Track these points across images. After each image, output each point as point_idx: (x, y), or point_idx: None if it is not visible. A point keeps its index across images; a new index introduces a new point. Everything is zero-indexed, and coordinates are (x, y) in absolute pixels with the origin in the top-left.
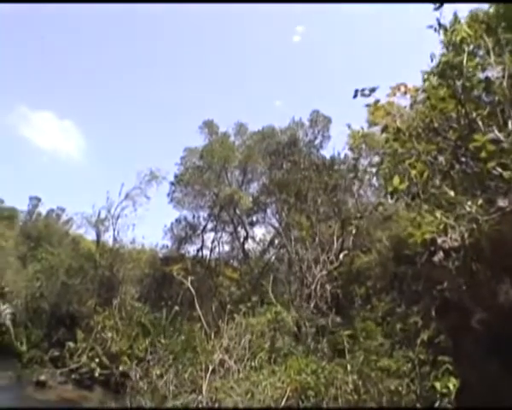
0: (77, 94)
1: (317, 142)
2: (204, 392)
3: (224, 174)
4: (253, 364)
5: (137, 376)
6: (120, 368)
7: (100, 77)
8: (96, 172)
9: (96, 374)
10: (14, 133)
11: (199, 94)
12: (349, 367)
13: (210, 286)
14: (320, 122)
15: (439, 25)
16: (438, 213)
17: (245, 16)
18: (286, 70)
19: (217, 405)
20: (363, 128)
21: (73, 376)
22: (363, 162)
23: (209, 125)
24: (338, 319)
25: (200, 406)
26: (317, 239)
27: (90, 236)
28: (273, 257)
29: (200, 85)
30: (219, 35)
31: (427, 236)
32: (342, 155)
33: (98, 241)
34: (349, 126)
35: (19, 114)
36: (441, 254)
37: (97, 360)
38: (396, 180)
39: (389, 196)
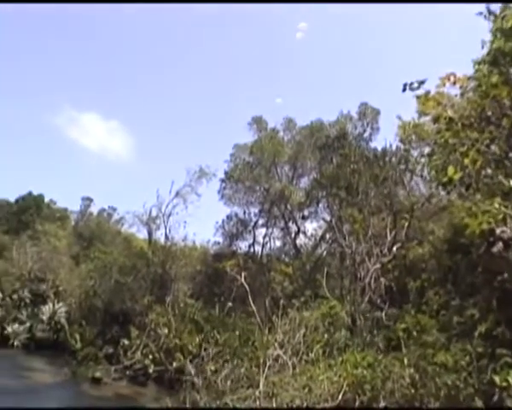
0: (122, 94)
1: (366, 134)
2: (261, 387)
3: (274, 170)
4: (308, 358)
5: (192, 372)
6: (174, 364)
7: (144, 76)
8: (145, 170)
9: (150, 371)
10: (62, 135)
11: (247, 90)
12: (405, 361)
13: (262, 282)
14: (368, 114)
15: (489, 12)
16: (496, 203)
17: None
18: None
19: (274, 400)
20: (413, 119)
21: (128, 372)
22: (414, 153)
23: (258, 122)
24: (393, 313)
25: (257, 401)
26: (369, 232)
27: (142, 234)
28: (324, 252)
29: (248, 82)
30: (263, 33)
31: (485, 226)
32: (393, 147)
33: (150, 239)
34: (399, 118)
35: (66, 116)
36: (500, 244)
37: (151, 356)
38: (451, 170)
39: (442, 187)
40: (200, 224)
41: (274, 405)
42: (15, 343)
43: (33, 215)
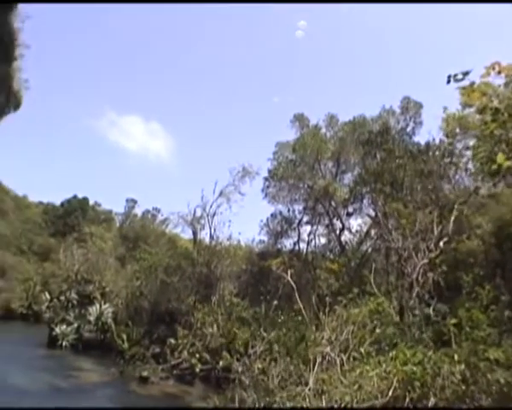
0: (161, 96)
1: (409, 128)
2: (311, 384)
3: (318, 166)
4: (356, 355)
5: (239, 370)
6: (221, 363)
7: (183, 77)
8: (186, 171)
9: (197, 369)
10: (103, 138)
11: (287, 88)
12: (456, 357)
13: (307, 279)
14: (411, 108)
15: None
16: None
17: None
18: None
19: (324, 397)
20: (458, 111)
21: (175, 371)
22: (458, 146)
23: (300, 119)
24: (442, 308)
25: (306, 398)
26: (416, 227)
27: (187, 234)
28: (370, 248)
29: (289, 79)
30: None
31: None
32: (436, 141)
33: (195, 239)
34: (444, 110)
35: (107, 119)
36: None
37: (198, 355)
38: (500, 157)
39: (490, 177)
40: (245, 223)
41: (323, 402)
42: (63, 344)
43: (79, 218)
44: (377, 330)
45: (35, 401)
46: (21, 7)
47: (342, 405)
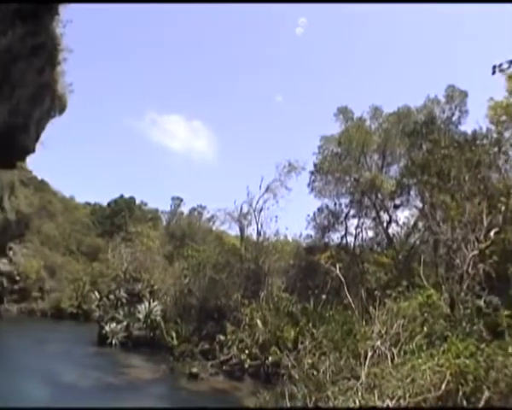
0: (202, 94)
1: (454, 118)
2: (363, 378)
3: (363, 159)
4: (407, 348)
5: (289, 365)
6: (270, 358)
7: (223, 74)
8: (231, 167)
9: (246, 365)
10: (146, 138)
11: (329, 81)
12: (510, 349)
13: (356, 273)
14: (456, 97)
15: None
16: None
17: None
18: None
19: (376, 391)
20: (506, 98)
21: (224, 367)
22: (506, 135)
23: (344, 112)
24: (494, 300)
25: (359, 392)
26: (464, 218)
27: (233, 231)
28: (417, 240)
29: (330, 73)
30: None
31: None
32: (483, 129)
33: (242, 235)
34: (490, 99)
35: (149, 119)
36: None
37: (247, 351)
38: None
39: None
40: (292, 218)
41: (376, 396)
42: (113, 342)
43: (126, 217)
44: (428, 324)
45: (87, 398)
46: (63, 12)
47: (394, 399)
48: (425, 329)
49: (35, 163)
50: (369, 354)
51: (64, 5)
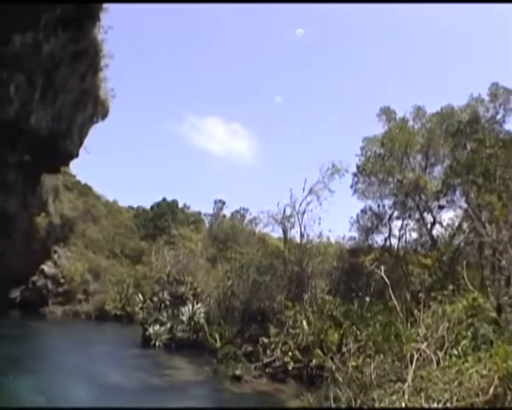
0: (240, 96)
1: (499, 116)
2: (409, 381)
3: (407, 160)
4: (453, 352)
5: (333, 367)
6: (314, 361)
7: (260, 76)
8: (272, 170)
9: (290, 368)
10: (186, 142)
11: (371, 82)
12: None
13: (400, 275)
14: (500, 95)
15: None
16: None
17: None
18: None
19: (422, 394)
20: None
21: (267, 370)
22: None
23: (386, 112)
24: None
25: (405, 395)
26: (510, 219)
27: (276, 233)
28: (462, 242)
29: (371, 74)
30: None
31: None
32: None
33: (285, 237)
34: None
35: (188, 123)
36: None
37: (290, 353)
38: None
39: None
40: (335, 220)
41: (422, 400)
42: (157, 344)
43: (168, 220)
44: (474, 327)
45: (132, 399)
46: (104, 18)
47: (441, 402)
48: (470, 332)
49: (79, 168)
50: (414, 356)
51: (105, 11)
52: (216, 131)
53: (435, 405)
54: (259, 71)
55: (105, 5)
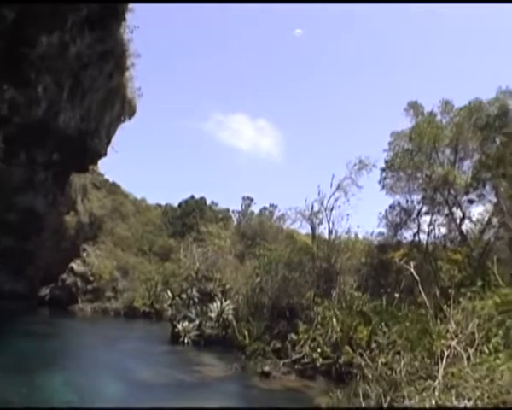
0: (265, 92)
1: None
2: (440, 378)
3: (435, 154)
4: (484, 349)
5: (362, 364)
6: (342, 357)
7: (286, 72)
8: (299, 166)
9: (318, 364)
10: (213, 139)
11: (397, 75)
12: None
13: (429, 271)
14: None
15: None
16: None
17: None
18: None
19: (453, 391)
20: None
21: (296, 366)
22: None
23: (414, 107)
24: None
25: (436, 392)
26: None
27: (304, 230)
28: (492, 237)
29: (397, 67)
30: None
31: None
32: None
33: (313, 233)
34: None
35: (214, 120)
36: None
37: (319, 350)
38: None
39: None
40: (363, 215)
41: (453, 397)
42: (186, 340)
43: (196, 218)
44: (504, 324)
45: (161, 395)
46: (130, 18)
47: (472, 400)
48: (501, 329)
49: (107, 166)
50: (446, 353)
51: (130, 11)
52: (242, 127)
53: (466, 402)
54: (284, 66)
55: (130, 5)
